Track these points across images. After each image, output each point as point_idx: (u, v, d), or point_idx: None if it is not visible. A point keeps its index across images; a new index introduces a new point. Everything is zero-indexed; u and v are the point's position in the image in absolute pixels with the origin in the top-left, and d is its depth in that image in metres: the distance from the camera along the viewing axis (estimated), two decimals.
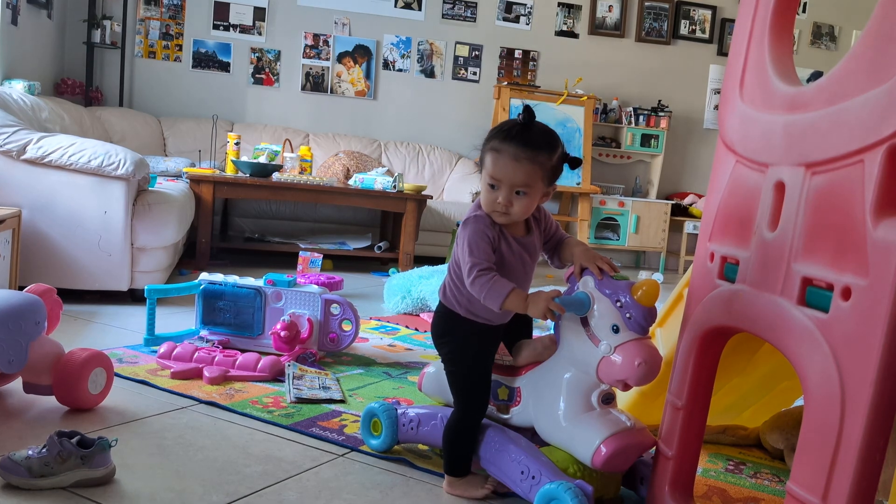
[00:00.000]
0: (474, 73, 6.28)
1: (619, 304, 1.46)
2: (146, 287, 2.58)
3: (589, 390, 1.53)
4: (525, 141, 1.49)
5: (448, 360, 1.65)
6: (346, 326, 2.60)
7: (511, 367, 1.68)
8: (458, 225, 1.61)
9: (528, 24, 6.33)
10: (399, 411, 1.79)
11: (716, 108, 6.60)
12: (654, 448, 1.56)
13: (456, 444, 1.60)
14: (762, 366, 1.91)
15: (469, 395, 1.61)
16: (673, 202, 6.32)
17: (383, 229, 5.50)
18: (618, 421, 1.51)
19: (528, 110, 1.52)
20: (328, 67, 6.03)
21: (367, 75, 6.11)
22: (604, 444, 1.46)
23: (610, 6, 6.43)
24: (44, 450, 1.47)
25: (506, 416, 1.66)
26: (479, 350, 1.62)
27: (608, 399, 1.55)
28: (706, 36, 6.62)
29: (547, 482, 1.44)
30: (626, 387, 1.48)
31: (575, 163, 1.57)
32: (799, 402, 2.15)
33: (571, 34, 6.42)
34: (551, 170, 1.51)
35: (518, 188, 1.50)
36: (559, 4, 6.37)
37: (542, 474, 1.47)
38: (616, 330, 1.46)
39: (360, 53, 6.08)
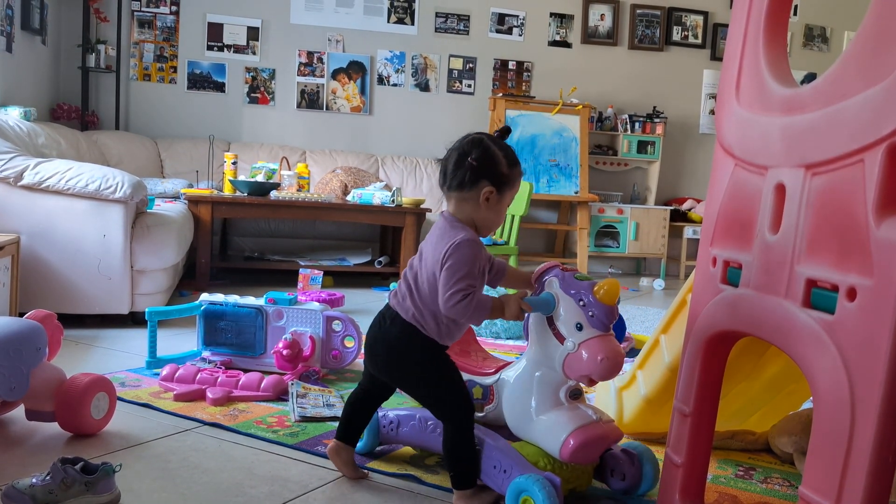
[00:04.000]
0: (469, 86, 6.29)
1: (581, 303, 1.54)
2: (147, 309, 2.57)
3: (557, 386, 1.60)
4: None
5: (430, 383, 1.64)
6: (349, 343, 2.59)
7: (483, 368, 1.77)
8: None
9: (521, 36, 6.35)
10: (379, 413, 1.85)
11: (711, 112, 6.62)
12: (664, 456, 1.55)
13: (463, 459, 1.60)
14: (768, 369, 1.90)
15: (462, 410, 1.60)
16: (672, 208, 6.32)
17: (383, 244, 5.50)
18: (584, 415, 1.58)
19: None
20: (323, 84, 6.05)
21: (362, 91, 6.12)
22: (571, 436, 1.53)
23: (602, 15, 6.46)
24: (47, 477, 1.45)
25: (480, 415, 1.72)
26: (452, 363, 1.65)
27: (575, 394, 1.62)
28: (699, 41, 6.65)
29: (517, 475, 1.51)
30: (591, 382, 1.56)
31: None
32: (807, 404, 2.14)
33: (564, 44, 6.44)
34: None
35: None
36: (551, 15, 6.39)
37: (513, 468, 1.55)
38: (580, 328, 1.54)
39: (355, 69, 6.09)
